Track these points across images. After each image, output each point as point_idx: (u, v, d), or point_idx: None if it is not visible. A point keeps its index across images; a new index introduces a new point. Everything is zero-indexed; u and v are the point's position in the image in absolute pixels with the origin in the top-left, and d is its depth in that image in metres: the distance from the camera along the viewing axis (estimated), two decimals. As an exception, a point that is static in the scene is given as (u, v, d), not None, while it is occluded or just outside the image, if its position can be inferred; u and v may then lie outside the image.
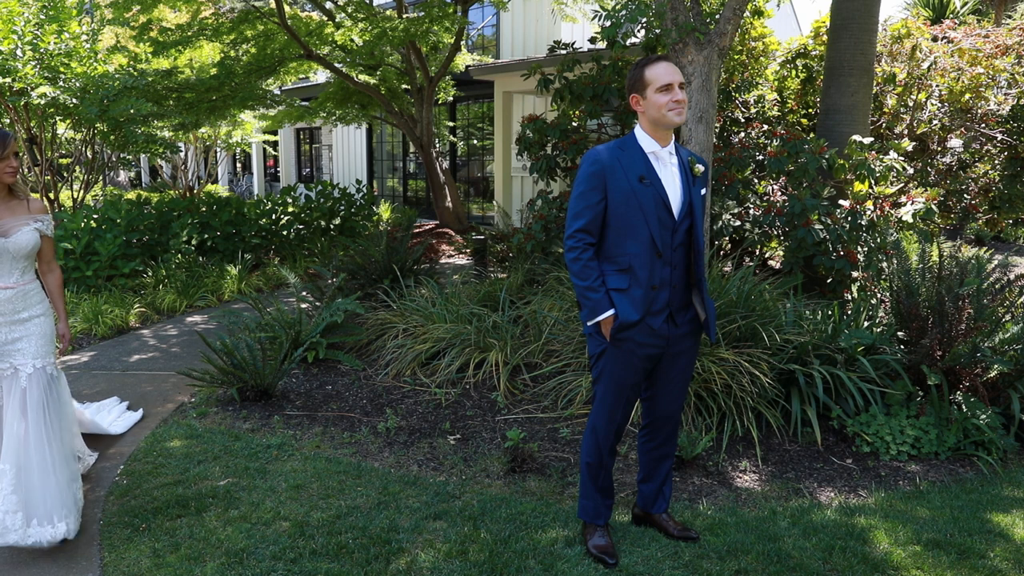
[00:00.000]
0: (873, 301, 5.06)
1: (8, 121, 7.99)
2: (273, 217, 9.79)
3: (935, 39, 7.14)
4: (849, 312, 4.92)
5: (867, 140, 5.36)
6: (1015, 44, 6.86)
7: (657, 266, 2.73)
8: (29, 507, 2.92)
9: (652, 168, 2.75)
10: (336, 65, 11.21)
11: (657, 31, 5.54)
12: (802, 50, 7.48)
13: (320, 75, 15.33)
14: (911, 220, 5.27)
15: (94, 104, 7.13)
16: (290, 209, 10.14)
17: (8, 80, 6.90)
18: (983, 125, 6.86)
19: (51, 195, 8.72)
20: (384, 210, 14.54)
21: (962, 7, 18.74)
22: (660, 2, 4.81)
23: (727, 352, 4.15)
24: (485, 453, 3.95)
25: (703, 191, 2.91)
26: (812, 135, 6.51)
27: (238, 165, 24.75)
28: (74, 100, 7.11)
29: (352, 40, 9.32)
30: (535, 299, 5.46)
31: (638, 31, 5.97)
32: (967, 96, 6.77)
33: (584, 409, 4.35)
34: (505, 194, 12.15)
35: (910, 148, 6.38)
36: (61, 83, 7.15)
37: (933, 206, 5.30)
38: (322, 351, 5.28)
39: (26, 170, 8.52)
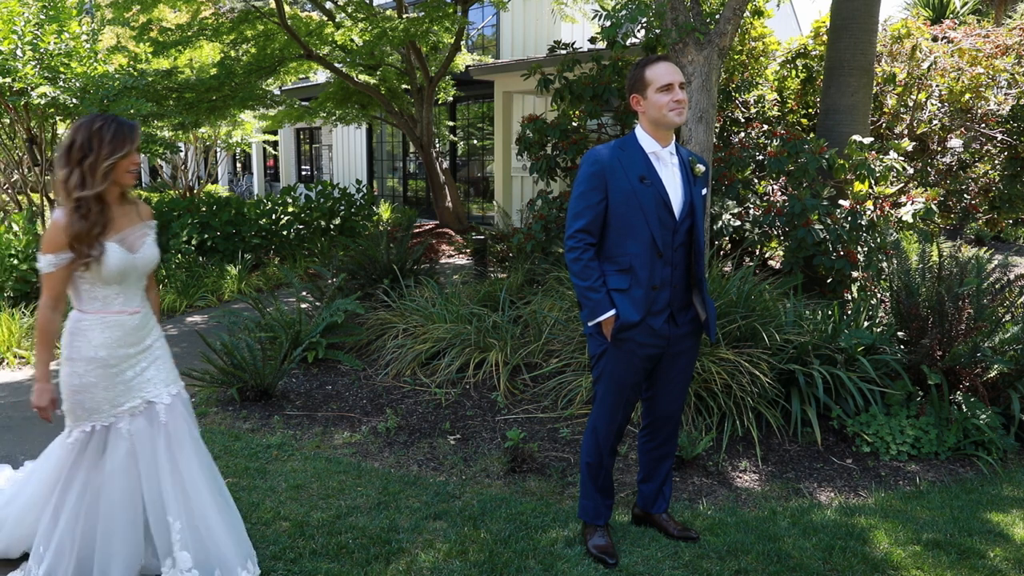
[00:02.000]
0: (873, 301, 5.06)
1: (8, 121, 7.99)
2: (273, 217, 9.78)
3: (935, 39, 7.14)
4: (849, 312, 4.92)
5: (867, 140, 5.36)
6: (1015, 44, 6.86)
7: (658, 266, 2.73)
8: (207, 561, 2.57)
9: (653, 168, 2.74)
10: (336, 65, 11.22)
11: (657, 31, 5.54)
12: (802, 50, 7.48)
13: (320, 75, 15.33)
14: (911, 220, 5.28)
15: (94, 104, 7.13)
16: (290, 209, 10.14)
17: (8, 80, 6.90)
18: (983, 125, 6.86)
19: (51, 195, 8.71)
20: (384, 210, 14.54)
21: (962, 7, 18.74)
22: (660, 2, 4.81)
23: (727, 352, 4.15)
24: (485, 453, 3.95)
25: (703, 191, 2.91)
26: (812, 135, 6.51)
27: (238, 165, 24.75)
28: (74, 100, 7.10)
29: (352, 40, 9.32)
30: (535, 299, 5.46)
31: (638, 31, 5.97)
32: (967, 96, 6.77)
33: (584, 409, 4.35)
34: (505, 194, 12.15)
35: (910, 148, 6.38)
36: (61, 83, 7.14)
37: (933, 206, 5.30)
38: (322, 351, 5.28)
39: (26, 170, 8.52)
